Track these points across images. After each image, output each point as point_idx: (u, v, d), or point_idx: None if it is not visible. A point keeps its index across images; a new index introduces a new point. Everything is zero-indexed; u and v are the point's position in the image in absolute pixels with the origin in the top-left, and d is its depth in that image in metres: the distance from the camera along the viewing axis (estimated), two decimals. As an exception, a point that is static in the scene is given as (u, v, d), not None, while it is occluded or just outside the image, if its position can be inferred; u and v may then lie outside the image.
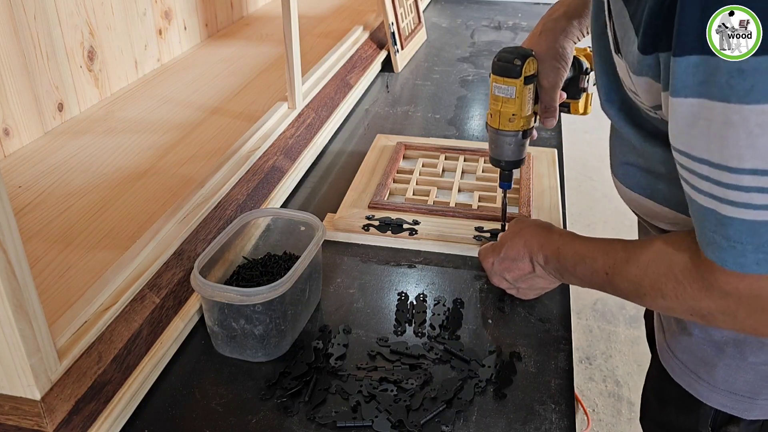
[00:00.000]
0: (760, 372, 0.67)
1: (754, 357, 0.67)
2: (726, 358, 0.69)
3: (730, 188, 0.49)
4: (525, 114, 0.85)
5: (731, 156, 0.48)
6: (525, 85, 0.83)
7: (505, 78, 0.83)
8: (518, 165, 0.90)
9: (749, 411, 0.70)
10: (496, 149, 0.89)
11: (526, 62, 0.82)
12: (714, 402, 0.71)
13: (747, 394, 0.69)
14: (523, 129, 0.86)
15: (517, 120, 0.85)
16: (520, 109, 0.84)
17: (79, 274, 0.81)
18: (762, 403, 0.68)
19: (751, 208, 0.48)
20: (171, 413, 0.72)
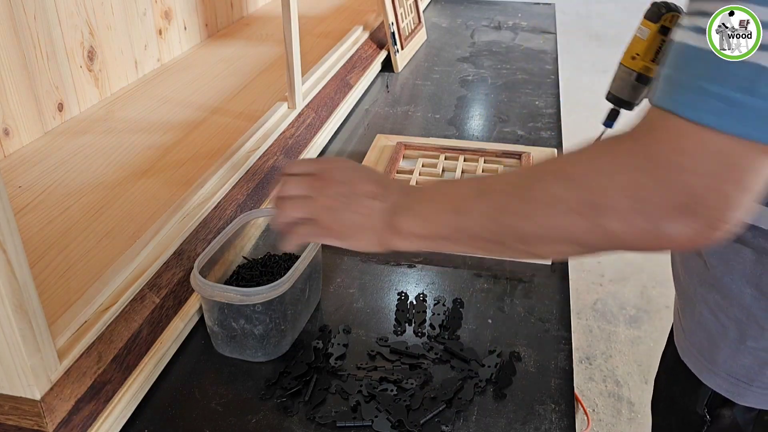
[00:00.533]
0: (758, 357, 0.68)
1: (753, 342, 0.67)
2: (727, 340, 0.69)
3: None
4: (647, 59, 0.88)
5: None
6: (659, 33, 0.86)
7: (646, 20, 0.87)
8: (624, 105, 0.93)
9: (743, 396, 0.70)
10: (614, 83, 0.93)
11: (671, 13, 0.85)
12: (713, 383, 0.72)
13: (743, 379, 0.69)
14: (639, 72, 0.89)
15: (638, 60, 0.88)
16: (644, 51, 0.87)
17: (79, 274, 0.81)
18: (756, 390, 0.69)
19: None
20: (171, 413, 0.72)
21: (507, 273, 0.95)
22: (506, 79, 1.68)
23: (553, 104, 1.52)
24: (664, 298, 2.25)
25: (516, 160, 1.21)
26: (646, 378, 1.97)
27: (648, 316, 2.19)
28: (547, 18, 2.20)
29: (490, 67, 1.76)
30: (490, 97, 1.57)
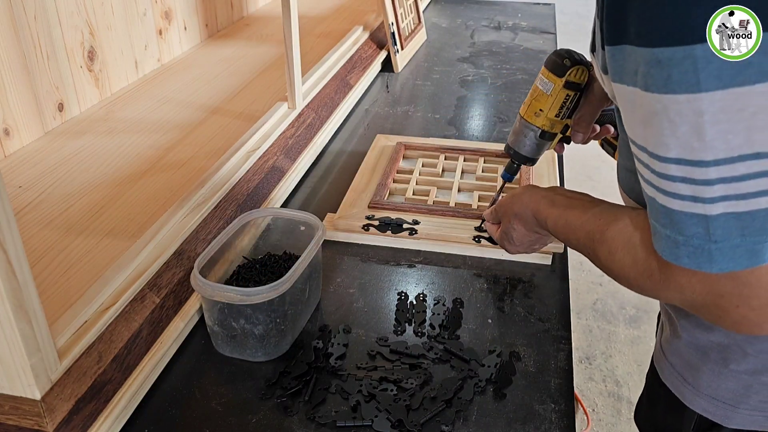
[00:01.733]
0: (742, 380, 0.67)
1: (735, 365, 0.67)
2: (710, 364, 0.68)
3: (661, 177, 0.49)
4: (551, 115, 0.82)
5: (658, 144, 0.49)
6: (564, 88, 0.80)
7: (549, 73, 0.81)
8: (526, 162, 0.88)
9: (730, 419, 0.69)
10: (514, 137, 0.87)
11: (576, 67, 0.79)
12: (697, 407, 0.71)
13: (729, 402, 0.69)
14: (544, 128, 0.84)
15: (542, 117, 0.83)
16: (549, 108, 0.82)
17: (79, 274, 0.81)
18: (743, 413, 0.68)
19: (678, 198, 0.49)
20: (171, 413, 0.72)
21: (507, 273, 0.95)
22: (506, 79, 1.68)
23: (553, 104, 1.52)
24: (664, 298, 2.25)
25: (516, 160, 1.21)
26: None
27: (648, 316, 2.19)
28: (547, 18, 2.20)
29: (489, 67, 1.76)
30: (489, 97, 1.57)
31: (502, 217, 0.83)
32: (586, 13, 5.19)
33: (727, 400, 0.68)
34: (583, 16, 5.12)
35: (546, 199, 0.73)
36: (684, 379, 0.72)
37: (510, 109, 1.49)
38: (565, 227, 0.69)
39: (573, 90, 0.80)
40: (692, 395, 0.71)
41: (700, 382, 0.70)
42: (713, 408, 0.70)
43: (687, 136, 0.47)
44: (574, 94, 0.81)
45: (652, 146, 0.50)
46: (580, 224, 0.66)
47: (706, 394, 0.70)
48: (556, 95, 0.81)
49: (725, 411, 0.69)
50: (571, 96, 0.81)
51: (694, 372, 0.70)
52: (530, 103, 0.83)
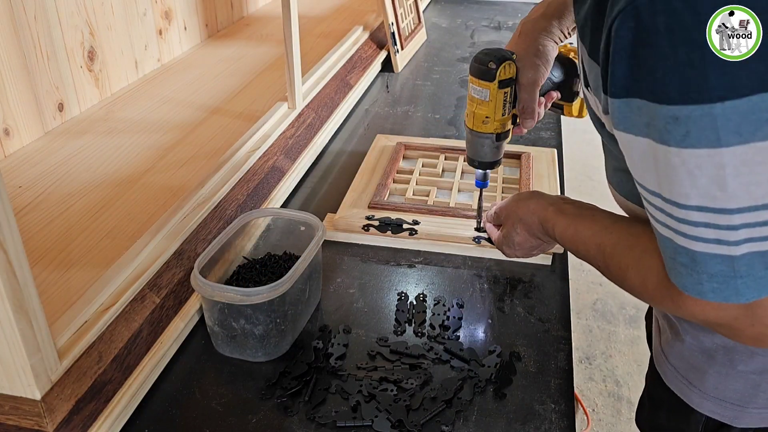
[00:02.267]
0: (749, 380, 0.67)
1: (743, 365, 0.67)
2: (716, 366, 0.68)
3: (681, 222, 0.50)
4: (498, 117, 0.83)
5: (678, 194, 0.49)
6: (500, 89, 0.81)
7: (480, 80, 0.80)
8: (493, 166, 0.89)
9: (739, 419, 0.69)
10: (471, 149, 0.88)
11: (502, 66, 0.79)
12: (704, 409, 0.71)
13: (737, 402, 0.69)
14: (497, 132, 0.84)
15: (491, 123, 0.83)
16: (493, 112, 0.82)
17: (79, 274, 0.81)
18: (752, 412, 0.68)
19: (701, 241, 0.49)
20: (171, 413, 0.72)
21: (507, 273, 0.95)
22: (506, 79, 1.67)
23: (553, 104, 1.52)
24: (664, 298, 2.25)
25: (516, 160, 1.21)
26: (646, 378, 1.97)
27: (648, 316, 2.19)
28: (547, 18, 2.19)
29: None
30: (490, 97, 1.57)
31: (504, 221, 0.81)
32: (586, 13, 5.18)
33: (735, 401, 0.68)
34: (583, 16, 5.12)
35: (554, 207, 0.73)
36: (689, 382, 0.71)
37: (510, 109, 1.49)
38: (574, 237, 0.69)
39: (508, 86, 0.81)
40: (699, 398, 0.71)
41: (707, 384, 0.69)
42: (721, 409, 0.70)
43: (708, 187, 0.47)
44: (511, 89, 0.82)
45: (668, 193, 0.50)
46: (590, 235, 0.66)
47: (713, 396, 0.70)
48: (495, 99, 0.81)
49: (734, 411, 0.69)
50: (508, 92, 0.82)
51: (700, 374, 0.70)
52: (473, 113, 0.83)
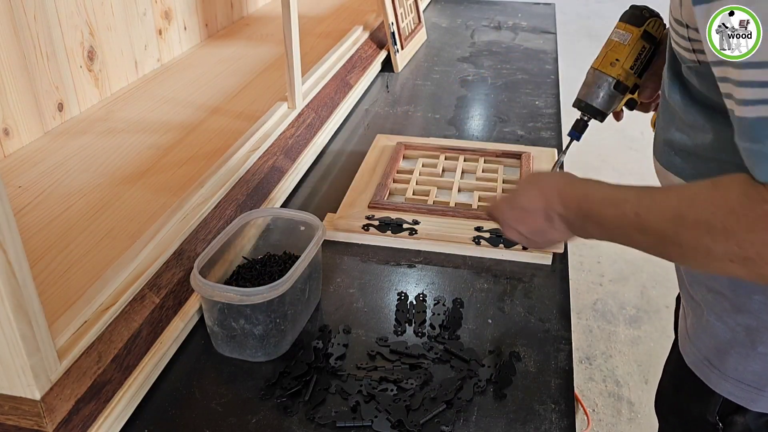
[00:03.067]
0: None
1: (764, 347, 0.67)
2: (737, 347, 0.68)
3: None
4: (627, 66, 0.81)
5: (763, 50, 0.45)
6: (641, 38, 0.80)
7: (627, 24, 0.81)
8: (597, 115, 0.85)
9: (755, 402, 0.70)
10: (586, 90, 0.85)
11: (654, 19, 0.80)
12: (723, 390, 0.71)
13: (755, 385, 0.69)
14: (619, 79, 0.82)
15: (617, 67, 0.81)
16: (625, 58, 0.81)
17: (79, 274, 0.81)
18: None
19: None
20: (171, 413, 0.72)
21: (507, 273, 0.95)
22: (506, 79, 1.68)
23: (553, 104, 1.52)
24: (664, 298, 2.25)
25: (516, 160, 1.21)
26: (646, 378, 1.97)
27: (648, 316, 2.19)
28: (547, 18, 2.20)
29: (490, 67, 1.76)
30: (490, 97, 1.57)
31: (519, 182, 0.77)
32: (587, 13, 5.19)
33: (754, 383, 0.69)
34: (583, 16, 5.12)
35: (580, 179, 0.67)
36: (710, 363, 0.71)
37: (510, 109, 1.49)
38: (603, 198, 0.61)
39: (649, 43, 0.80)
40: (718, 379, 0.71)
41: (727, 365, 0.70)
42: (739, 391, 0.70)
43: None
44: (650, 48, 0.80)
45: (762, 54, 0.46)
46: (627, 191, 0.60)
47: (732, 377, 0.70)
48: (633, 45, 0.81)
49: (751, 394, 0.69)
50: (647, 49, 0.81)
51: (721, 355, 0.70)
52: (605, 54, 0.83)
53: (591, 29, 4.88)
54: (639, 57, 0.81)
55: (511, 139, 1.34)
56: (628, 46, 0.81)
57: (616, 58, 0.82)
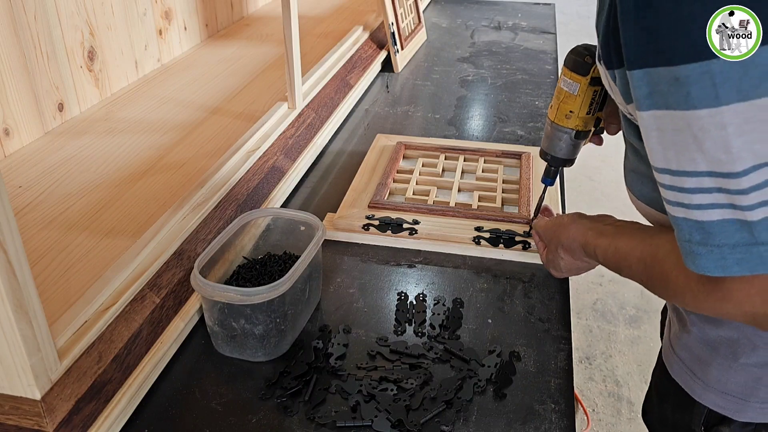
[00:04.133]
0: (751, 373, 0.68)
1: (745, 358, 0.67)
2: (719, 358, 0.69)
3: (693, 192, 0.49)
4: (582, 115, 0.81)
5: (686, 161, 0.49)
6: (591, 85, 0.79)
7: (573, 73, 0.79)
8: (566, 164, 0.87)
9: (741, 412, 0.70)
10: (547, 142, 0.86)
11: None
12: (707, 401, 0.72)
13: (739, 395, 0.69)
14: (578, 129, 0.83)
15: (573, 118, 0.82)
16: (579, 108, 0.81)
17: (79, 274, 0.81)
18: (754, 405, 0.69)
19: (716, 208, 0.49)
20: (171, 413, 0.72)
21: (507, 273, 0.95)
22: (506, 79, 1.68)
23: (553, 104, 1.52)
24: (664, 298, 2.25)
25: (516, 160, 1.21)
26: (646, 378, 1.97)
27: (648, 315, 2.19)
28: (547, 18, 2.20)
29: (490, 67, 1.76)
30: (490, 97, 1.57)
31: (548, 243, 0.84)
32: (586, 13, 5.19)
33: (738, 394, 0.69)
34: (583, 16, 5.12)
35: (594, 231, 0.73)
36: (693, 374, 0.72)
37: (510, 109, 1.49)
38: (615, 255, 0.68)
39: (599, 85, 0.79)
40: (702, 390, 0.72)
41: (710, 376, 0.70)
42: (723, 402, 0.70)
43: (713, 150, 0.47)
44: (601, 89, 0.80)
45: (675, 165, 0.50)
46: (630, 250, 0.65)
47: (715, 388, 0.70)
48: (583, 94, 0.80)
49: (736, 405, 0.70)
50: (598, 91, 0.80)
51: (704, 367, 0.71)
52: (558, 106, 0.82)
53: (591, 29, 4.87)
54: (592, 102, 0.81)
55: (511, 139, 1.34)
56: (579, 96, 0.80)
57: (570, 110, 0.81)
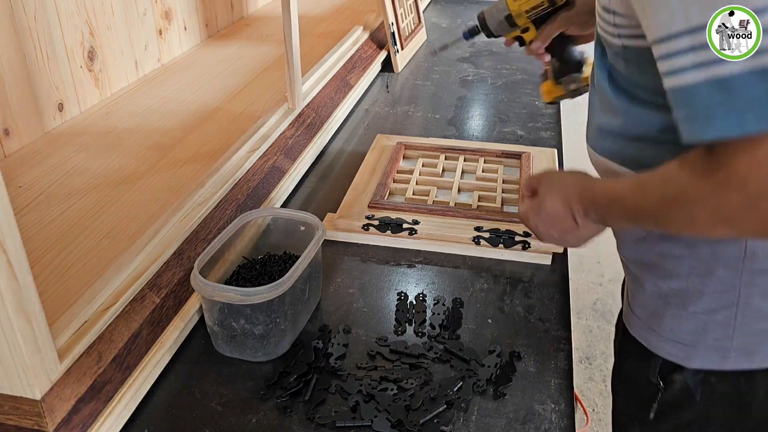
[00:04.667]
0: (699, 320, 0.72)
1: (693, 306, 0.72)
2: (671, 309, 0.74)
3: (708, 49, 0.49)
4: (524, 9, 0.98)
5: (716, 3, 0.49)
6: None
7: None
8: (483, 30, 1.05)
9: (690, 359, 0.74)
10: (490, 8, 1.03)
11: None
12: (662, 351, 0.76)
13: (689, 343, 0.74)
14: (512, 14, 0.99)
15: (517, 5, 0.98)
16: (526, 1, 0.97)
17: (79, 274, 0.81)
18: (701, 352, 0.73)
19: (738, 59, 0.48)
20: (171, 413, 0.72)
21: (507, 273, 0.95)
22: (506, 79, 1.68)
23: (553, 104, 1.52)
24: (664, 298, 2.26)
25: (516, 160, 1.21)
26: (646, 378, 1.97)
27: (648, 316, 2.19)
28: (547, 18, 2.20)
29: (490, 67, 1.76)
30: (490, 97, 1.57)
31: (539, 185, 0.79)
32: (586, 13, 5.18)
33: (687, 342, 0.74)
34: (583, 16, 5.12)
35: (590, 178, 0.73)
36: (650, 328, 0.77)
37: (510, 109, 1.49)
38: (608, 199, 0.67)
39: (549, 3, 0.96)
40: (657, 341, 0.76)
41: (664, 327, 0.75)
42: (676, 350, 0.75)
43: None
44: (547, 6, 0.96)
45: (698, 17, 0.49)
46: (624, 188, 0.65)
47: (668, 338, 0.75)
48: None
49: (686, 352, 0.74)
50: (545, 6, 0.96)
51: (658, 319, 0.76)
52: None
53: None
54: (536, 8, 0.97)
55: (511, 139, 1.34)
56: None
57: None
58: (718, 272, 0.69)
